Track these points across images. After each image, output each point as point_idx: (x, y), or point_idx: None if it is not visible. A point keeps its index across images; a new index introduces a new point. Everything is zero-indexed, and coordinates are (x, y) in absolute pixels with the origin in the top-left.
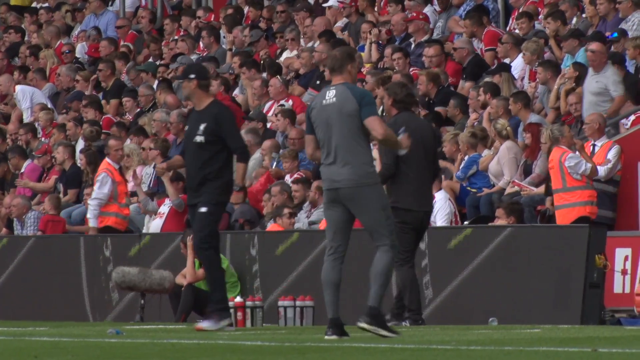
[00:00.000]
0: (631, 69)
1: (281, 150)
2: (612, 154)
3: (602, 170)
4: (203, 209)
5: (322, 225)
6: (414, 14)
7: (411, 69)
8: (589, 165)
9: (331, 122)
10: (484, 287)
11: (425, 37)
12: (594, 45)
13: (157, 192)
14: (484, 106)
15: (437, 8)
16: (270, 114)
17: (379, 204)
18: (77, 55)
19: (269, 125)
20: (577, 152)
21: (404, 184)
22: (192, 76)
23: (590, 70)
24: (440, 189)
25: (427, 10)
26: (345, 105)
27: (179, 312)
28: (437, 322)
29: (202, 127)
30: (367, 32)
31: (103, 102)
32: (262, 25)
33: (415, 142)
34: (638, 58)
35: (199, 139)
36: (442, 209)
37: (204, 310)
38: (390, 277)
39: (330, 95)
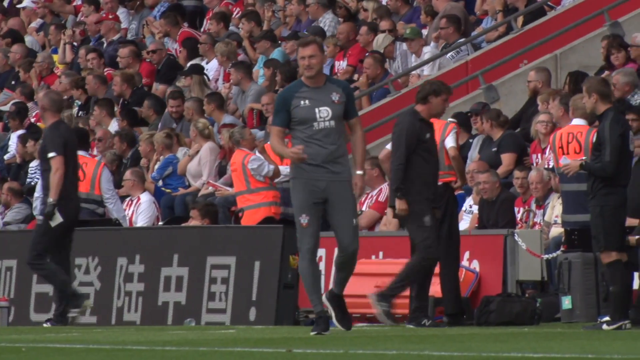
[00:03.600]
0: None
1: None
2: None
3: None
4: None
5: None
6: (105, 15)
7: (106, 70)
8: (272, 166)
9: None
10: (181, 287)
11: (117, 36)
12: None
13: None
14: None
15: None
16: None
17: None
18: None
19: None
20: (258, 154)
21: None
22: None
23: None
24: (144, 190)
25: (121, 11)
26: None
27: None
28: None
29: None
30: (55, 33)
31: None
32: None
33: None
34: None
35: None
36: (145, 211)
37: None
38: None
39: None
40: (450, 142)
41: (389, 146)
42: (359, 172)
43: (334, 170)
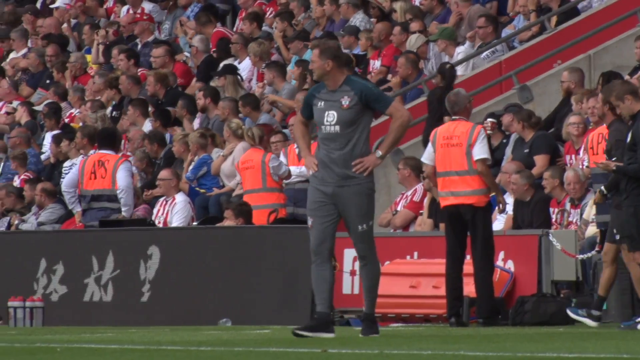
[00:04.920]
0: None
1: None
2: None
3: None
4: None
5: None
6: (138, 15)
7: (139, 70)
8: (287, 168)
9: None
10: (213, 288)
11: (152, 38)
12: None
13: None
14: (203, 110)
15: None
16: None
17: None
18: None
19: None
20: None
21: None
22: None
23: None
24: (179, 190)
25: (153, 9)
26: None
27: None
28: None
29: None
30: (89, 33)
31: None
32: None
33: None
34: (370, 50)
35: None
36: (181, 211)
37: None
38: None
39: None
40: (480, 153)
41: (425, 159)
42: (377, 152)
43: (342, 176)
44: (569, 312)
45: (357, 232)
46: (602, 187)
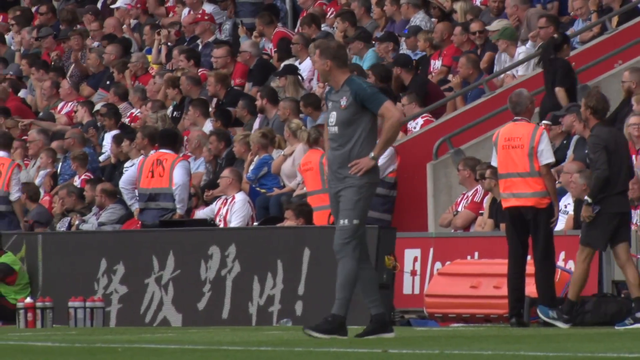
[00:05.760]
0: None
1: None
2: (382, 156)
3: None
4: None
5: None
6: (199, 15)
7: (200, 70)
8: None
9: None
10: (274, 288)
11: (212, 38)
12: None
13: None
14: (261, 111)
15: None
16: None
17: None
18: None
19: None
20: None
21: None
22: None
23: None
24: (240, 190)
25: (213, 10)
26: None
27: None
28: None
29: None
30: (150, 34)
31: None
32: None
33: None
34: (428, 50)
35: None
36: (239, 210)
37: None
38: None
39: None
40: (547, 157)
41: (493, 162)
42: (370, 153)
43: (340, 177)
44: (538, 311)
45: (338, 225)
46: (586, 197)
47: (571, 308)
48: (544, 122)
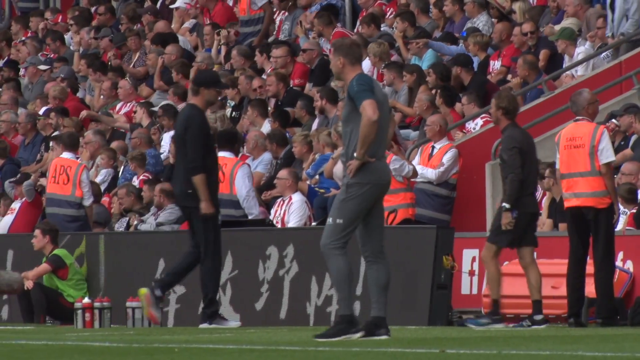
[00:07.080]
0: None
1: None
2: (447, 158)
3: (434, 174)
4: None
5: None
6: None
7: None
8: (411, 167)
9: (387, 117)
10: (331, 288)
11: (271, 38)
12: None
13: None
14: (321, 111)
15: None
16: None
17: None
18: None
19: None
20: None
21: None
22: None
23: None
24: (297, 190)
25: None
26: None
27: (36, 314)
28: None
29: None
30: (210, 34)
31: None
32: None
33: None
34: (479, 54)
35: None
36: (297, 211)
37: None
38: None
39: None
40: (607, 156)
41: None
42: (354, 154)
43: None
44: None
45: (327, 224)
46: (504, 203)
47: (498, 307)
48: (612, 120)
